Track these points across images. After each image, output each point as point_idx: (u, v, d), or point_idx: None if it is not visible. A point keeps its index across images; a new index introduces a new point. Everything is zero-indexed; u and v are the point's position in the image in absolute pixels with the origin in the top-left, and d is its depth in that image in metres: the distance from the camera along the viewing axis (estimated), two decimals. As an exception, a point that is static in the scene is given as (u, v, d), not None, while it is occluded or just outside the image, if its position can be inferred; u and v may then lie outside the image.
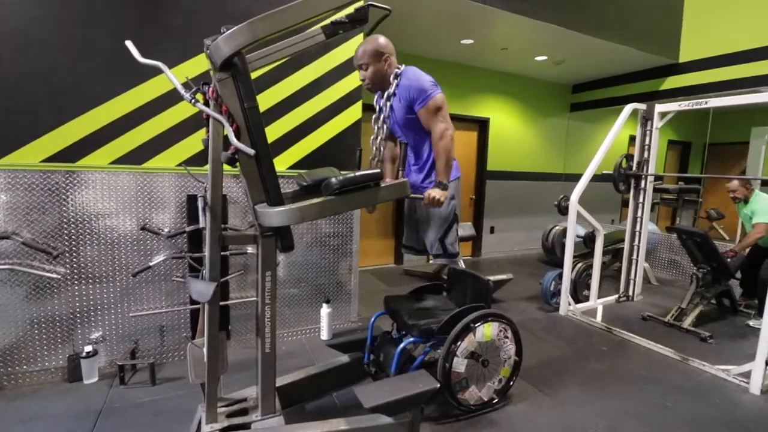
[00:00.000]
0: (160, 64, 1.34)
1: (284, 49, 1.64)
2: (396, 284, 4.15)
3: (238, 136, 1.38)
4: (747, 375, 2.30)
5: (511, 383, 2.02)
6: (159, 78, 2.14)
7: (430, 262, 1.90)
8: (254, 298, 2.51)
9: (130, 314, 2.20)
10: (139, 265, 2.20)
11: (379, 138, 1.86)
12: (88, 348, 2.07)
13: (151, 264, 2.17)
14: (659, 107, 3.53)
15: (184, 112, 2.23)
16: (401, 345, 1.79)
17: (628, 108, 3.50)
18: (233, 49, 1.28)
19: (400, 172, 1.50)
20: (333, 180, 1.31)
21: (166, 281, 2.30)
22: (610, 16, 4.03)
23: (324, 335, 2.53)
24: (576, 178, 6.46)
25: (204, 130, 1.55)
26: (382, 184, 1.40)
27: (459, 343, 1.80)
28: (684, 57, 4.59)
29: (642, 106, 3.59)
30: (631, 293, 3.90)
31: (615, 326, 3.11)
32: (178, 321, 2.35)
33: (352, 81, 2.66)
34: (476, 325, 1.84)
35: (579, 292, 3.60)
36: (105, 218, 2.13)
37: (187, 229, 2.26)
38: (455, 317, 1.83)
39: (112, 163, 2.11)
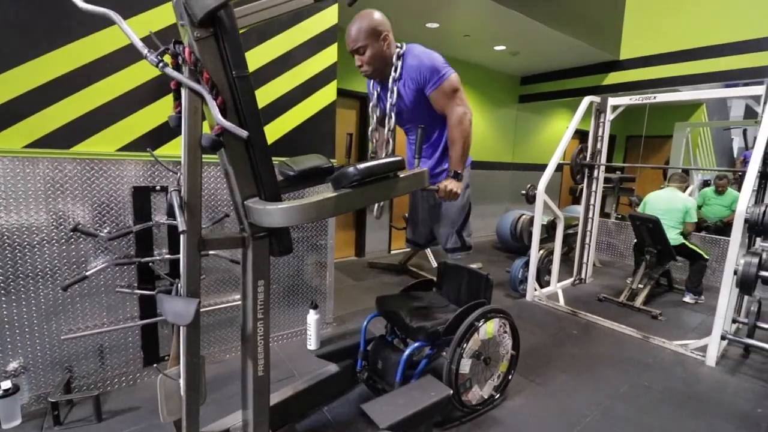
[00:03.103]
0: (110, 12, 1.01)
1: (268, 8, 1.35)
2: (362, 278, 3.97)
3: (224, 113, 1.10)
4: (702, 349, 2.52)
5: (510, 377, 1.97)
6: (97, 35, 1.70)
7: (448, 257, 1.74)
8: (220, 305, 2.20)
9: (62, 337, 1.76)
10: (70, 275, 1.77)
11: (373, 127, 1.65)
12: (6, 384, 1.62)
13: (87, 273, 1.74)
14: (611, 101, 3.71)
15: (127, 82, 1.81)
16: (407, 351, 1.63)
17: (586, 100, 3.63)
18: (221, -1, 0.99)
19: (417, 160, 1.32)
20: (351, 170, 1.09)
21: (108, 293, 1.88)
22: (565, 9, 4.14)
23: (312, 344, 2.26)
24: (524, 167, 6.84)
25: (167, 104, 1.23)
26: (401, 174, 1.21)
27: (465, 343, 1.68)
28: (624, 55, 4.92)
29: (597, 99, 3.75)
30: (584, 276, 4.14)
31: (578, 309, 3.25)
32: (124, 339, 1.95)
33: (326, 57, 2.38)
34: (480, 323, 1.74)
35: (541, 278, 3.72)
36: (20, 217, 1.66)
37: (134, 228, 1.86)
38: (461, 316, 1.71)
39: (29, 146, 1.64)
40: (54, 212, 1.72)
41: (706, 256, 3.47)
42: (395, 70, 1.46)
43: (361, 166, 1.09)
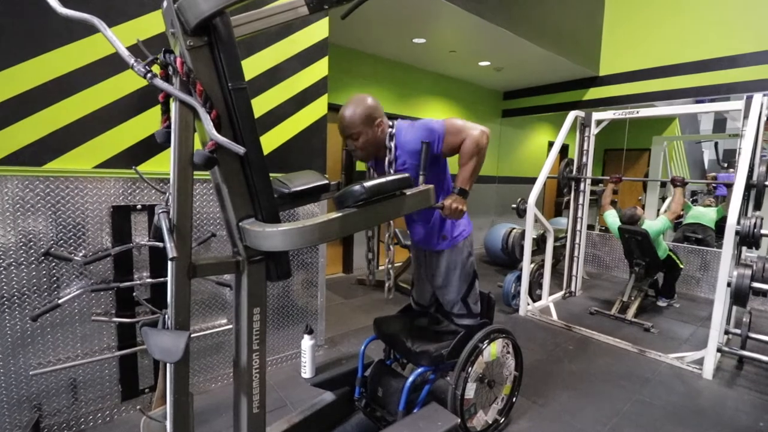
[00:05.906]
0: (93, 18, 0.92)
1: (263, 18, 1.28)
2: (351, 296, 3.86)
3: (218, 128, 1.01)
4: (698, 362, 2.51)
5: (514, 400, 1.89)
6: (76, 44, 1.60)
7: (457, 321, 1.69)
8: (205, 331, 2.06)
9: (31, 372, 1.60)
10: (41, 303, 1.61)
11: None
12: (-39, 429, 1.45)
13: (60, 301, 1.59)
14: (596, 115, 3.79)
15: (106, 95, 1.70)
16: (410, 378, 1.54)
17: (571, 115, 3.69)
18: (217, 6, 0.92)
19: (422, 176, 1.26)
20: (357, 188, 1.01)
21: (83, 322, 1.73)
22: (548, 26, 4.25)
23: (307, 372, 2.13)
24: (509, 180, 6.91)
25: (149, 117, 1.14)
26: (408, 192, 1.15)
27: (470, 367, 1.61)
28: (603, 71, 5.07)
29: (581, 114, 3.82)
30: (573, 289, 4.14)
31: (571, 323, 3.23)
32: (100, 372, 1.79)
33: (317, 71, 2.33)
34: (484, 344, 1.68)
35: (533, 292, 3.70)
36: (-16, 242, 1.51)
37: (113, 251, 1.73)
38: (464, 338, 1.64)
39: (-5, 164, 1.51)
40: (24, 234, 1.58)
41: (681, 266, 3.70)
42: (390, 152, 1.42)
43: (368, 184, 1.02)
